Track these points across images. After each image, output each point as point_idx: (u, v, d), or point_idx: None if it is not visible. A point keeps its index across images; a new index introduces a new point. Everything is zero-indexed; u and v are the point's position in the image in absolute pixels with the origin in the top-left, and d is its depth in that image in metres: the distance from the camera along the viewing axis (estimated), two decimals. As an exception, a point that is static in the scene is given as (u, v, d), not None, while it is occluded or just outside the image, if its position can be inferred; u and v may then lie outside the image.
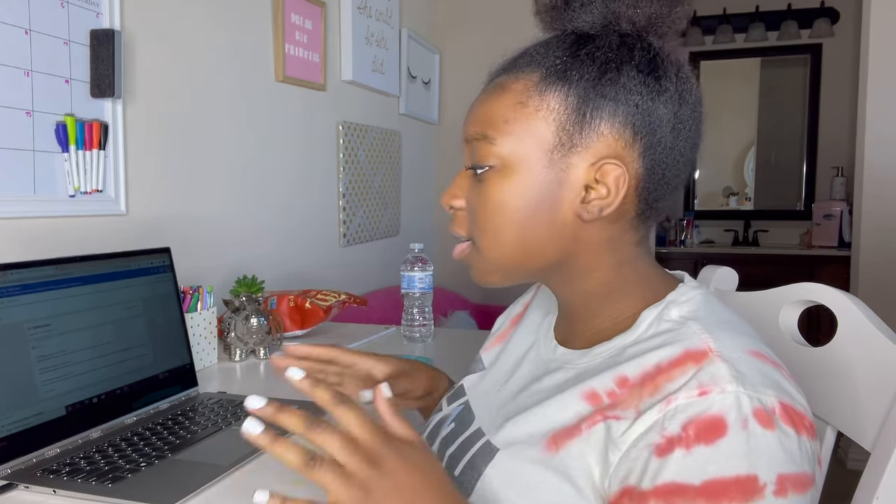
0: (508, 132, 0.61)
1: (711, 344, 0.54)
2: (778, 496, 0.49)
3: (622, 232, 0.63)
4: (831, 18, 4.08)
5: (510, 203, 0.61)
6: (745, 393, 0.50)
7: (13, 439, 0.82)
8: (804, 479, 0.50)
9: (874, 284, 2.80)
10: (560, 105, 0.59)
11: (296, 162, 2.02)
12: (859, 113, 2.85)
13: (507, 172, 0.61)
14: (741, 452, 0.49)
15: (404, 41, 2.72)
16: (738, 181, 4.44)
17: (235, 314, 1.34)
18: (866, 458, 0.61)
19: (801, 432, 0.51)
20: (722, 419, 0.50)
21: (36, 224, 1.19)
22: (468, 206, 0.65)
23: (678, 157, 0.61)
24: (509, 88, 0.62)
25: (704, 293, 0.62)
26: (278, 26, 1.87)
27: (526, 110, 0.60)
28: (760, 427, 0.49)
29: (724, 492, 0.49)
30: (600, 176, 0.59)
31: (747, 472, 0.49)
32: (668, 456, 0.50)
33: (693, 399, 0.51)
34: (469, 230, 0.66)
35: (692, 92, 0.62)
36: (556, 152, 0.59)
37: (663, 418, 0.51)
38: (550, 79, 0.60)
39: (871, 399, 0.63)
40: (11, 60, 1.13)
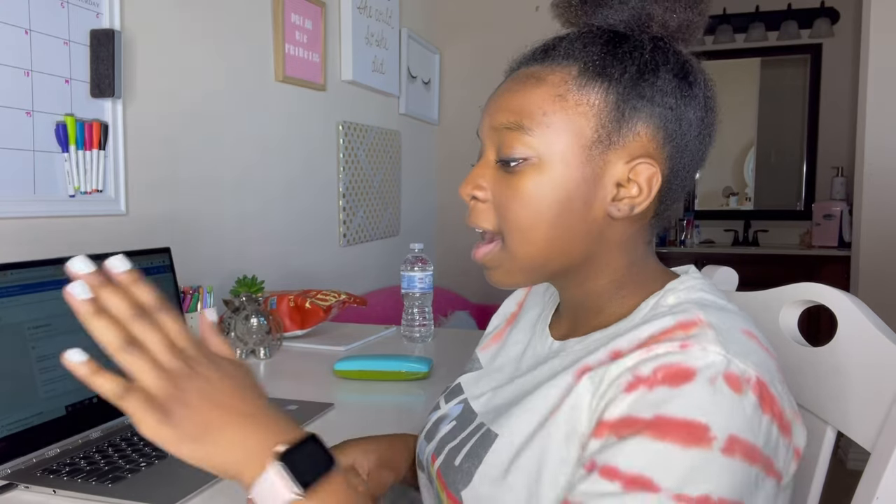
0: (547, 124, 0.59)
1: (703, 316, 0.55)
2: (724, 454, 0.49)
3: (640, 232, 0.63)
4: (831, 18, 4.08)
5: (545, 198, 0.60)
6: (725, 356, 0.51)
7: (13, 439, 0.82)
8: (755, 451, 0.50)
9: (874, 284, 2.80)
10: (600, 101, 0.59)
11: (296, 162, 2.02)
12: (859, 113, 2.85)
13: (543, 166, 0.60)
14: (701, 402, 0.50)
15: (404, 41, 2.72)
16: (738, 181, 4.44)
17: (235, 314, 1.34)
18: (866, 458, 0.61)
19: (766, 411, 0.51)
20: (693, 370, 0.51)
21: (36, 224, 1.19)
22: (494, 200, 0.62)
23: (699, 161, 0.63)
24: (545, 80, 0.60)
25: (704, 282, 0.62)
26: (278, 26, 1.87)
27: (565, 104, 0.59)
28: (728, 388, 0.50)
29: (672, 430, 0.49)
30: (634, 175, 0.60)
31: (699, 420, 0.49)
32: (632, 392, 0.52)
33: (673, 350, 0.52)
34: (496, 226, 0.63)
35: (715, 100, 0.63)
36: (594, 148, 0.59)
37: (639, 362, 0.53)
38: (589, 74, 0.59)
39: (871, 399, 0.63)
40: (11, 60, 1.13)
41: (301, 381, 1.25)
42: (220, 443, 0.48)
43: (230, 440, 0.48)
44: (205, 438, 0.48)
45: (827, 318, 0.72)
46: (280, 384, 1.22)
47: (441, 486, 0.65)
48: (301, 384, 1.22)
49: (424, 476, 0.72)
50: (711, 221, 4.38)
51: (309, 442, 0.49)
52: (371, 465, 0.75)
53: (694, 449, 0.48)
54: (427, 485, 0.71)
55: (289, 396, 1.11)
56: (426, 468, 0.71)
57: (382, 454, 0.76)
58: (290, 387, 1.20)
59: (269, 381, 1.24)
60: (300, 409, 1.04)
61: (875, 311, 0.67)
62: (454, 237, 3.22)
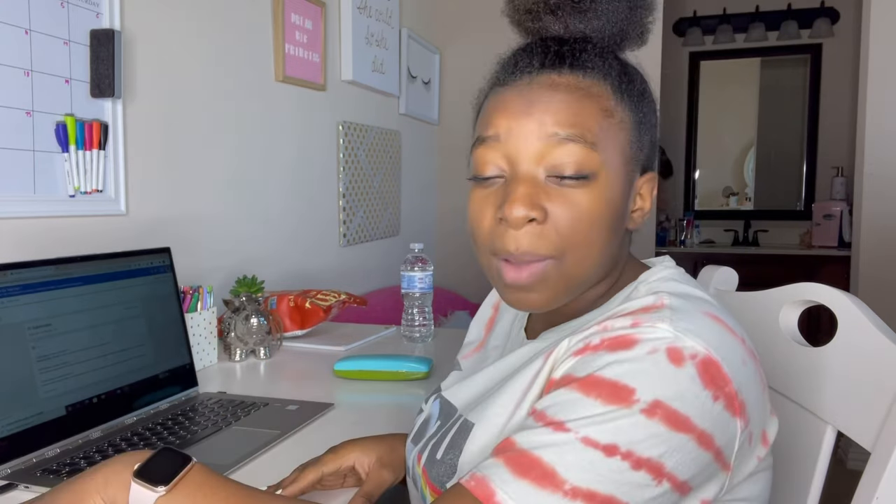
0: (603, 139, 0.59)
1: (666, 300, 0.56)
2: (643, 414, 0.50)
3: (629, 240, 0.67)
4: (831, 18, 4.08)
5: (602, 215, 0.59)
6: (672, 332, 0.52)
7: (13, 439, 0.82)
8: (683, 420, 0.50)
9: (874, 284, 2.80)
10: (629, 118, 0.61)
11: (296, 162, 2.02)
12: (859, 113, 2.85)
13: (600, 181, 0.58)
14: (633, 367, 0.51)
15: (404, 41, 2.72)
16: (738, 181, 4.44)
17: (235, 314, 1.34)
18: (866, 458, 0.61)
19: (710, 388, 0.51)
20: (635, 339, 0.52)
21: (36, 224, 1.19)
22: (556, 222, 0.58)
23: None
24: (590, 93, 0.59)
25: (676, 272, 0.64)
26: (278, 26, 1.87)
27: (612, 120, 0.60)
28: (666, 359, 0.51)
29: (597, 387, 0.51)
30: (644, 189, 0.64)
31: (627, 383, 0.51)
32: (578, 356, 0.54)
33: (625, 326, 0.54)
34: (558, 247, 0.58)
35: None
36: (630, 165, 0.61)
37: (592, 333, 0.55)
38: (620, 89, 0.61)
39: (871, 399, 0.63)
40: (11, 60, 1.13)
41: (301, 381, 1.25)
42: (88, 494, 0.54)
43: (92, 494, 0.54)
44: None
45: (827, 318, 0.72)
46: (280, 384, 1.22)
47: (425, 482, 0.65)
48: (301, 384, 1.22)
49: (410, 478, 0.72)
50: (711, 221, 4.38)
51: (161, 453, 0.56)
52: (371, 464, 0.76)
53: (613, 406, 0.50)
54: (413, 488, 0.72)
55: (289, 396, 1.11)
56: (412, 469, 0.71)
57: (383, 454, 0.77)
58: (290, 387, 1.20)
59: (269, 381, 1.24)
60: (300, 409, 1.04)
61: (875, 311, 0.67)
62: (454, 237, 3.22)
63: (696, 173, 4.48)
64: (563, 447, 0.50)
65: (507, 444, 0.53)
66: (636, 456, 0.49)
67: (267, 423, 0.97)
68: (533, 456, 0.50)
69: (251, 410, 1.02)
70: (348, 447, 0.77)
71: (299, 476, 0.75)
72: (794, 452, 0.74)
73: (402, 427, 0.94)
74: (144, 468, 0.54)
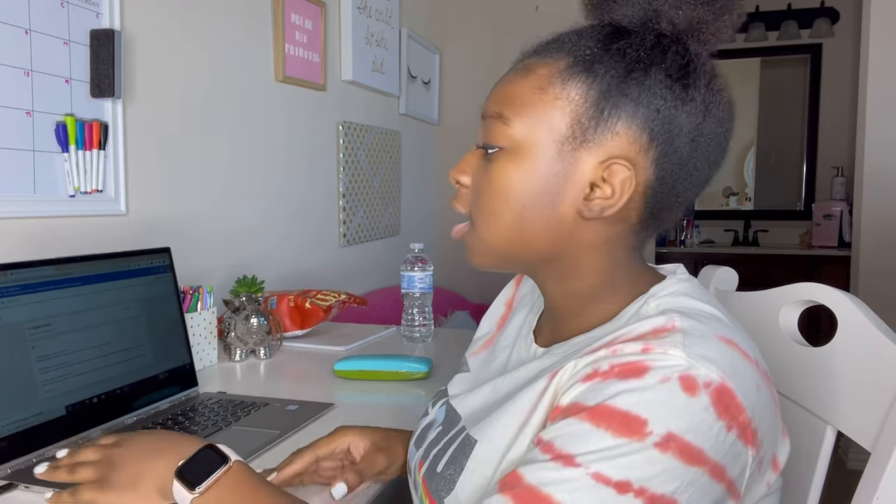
0: (523, 115, 0.59)
1: (678, 322, 0.54)
2: (657, 448, 0.48)
3: (620, 236, 0.62)
4: (831, 18, 4.08)
5: (513, 188, 0.60)
6: (685, 359, 0.50)
7: (13, 439, 0.82)
8: (697, 453, 0.49)
9: (874, 284, 2.80)
10: (580, 97, 0.57)
11: (296, 162, 2.02)
12: (859, 113, 2.85)
13: (515, 156, 0.60)
14: (645, 396, 0.49)
15: (404, 41, 2.72)
16: (738, 181, 4.44)
17: (235, 314, 1.34)
18: (866, 458, 0.61)
19: (724, 418, 0.50)
20: (647, 367, 0.50)
21: (36, 224, 1.19)
22: (473, 185, 0.64)
23: (693, 170, 0.59)
24: (534, 71, 0.60)
25: (689, 286, 0.61)
26: (278, 26, 1.87)
27: (545, 96, 0.59)
28: (680, 388, 0.49)
29: (608, 418, 0.49)
30: (608, 175, 0.58)
31: (639, 414, 0.49)
32: (587, 382, 0.52)
33: (635, 351, 0.52)
34: (469, 209, 0.65)
35: (720, 106, 0.59)
36: (567, 144, 0.58)
37: (601, 358, 0.53)
38: (576, 68, 0.58)
39: (871, 399, 0.63)
40: (11, 60, 1.13)
41: (301, 381, 1.25)
42: (146, 483, 0.62)
43: (151, 479, 0.62)
44: (136, 486, 0.62)
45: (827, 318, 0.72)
46: (280, 384, 1.22)
47: (424, 493, 0.65)
48: (301, 384, 1.22)
49: (411, 481, 0.72)
50: (711, 221, 4.38)
51: (203, 451, 0.62)
52: (366, 448, 0.79)
53: (626, 439, 0.48)
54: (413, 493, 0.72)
55: (289, 396, 1.11)
56: (413, 474, 0.71)
57: (378, 440, 0.80)
58: (290, 387, 1.20)
59: (269, 381, 1.24)
60: (300, 409, 1.04)
61: (875, 311, 0.67)
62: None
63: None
64: (573, 484, 0.48)
65: (514, 478, 0.51)
66: (650, 492, 0.48)
67: (267, 423, 0.97)
68: (543, 494, 0.49)
69: (251, 410, 1.02)
70: (343, 430, 0.80)
71: (294, 458, 0.76)
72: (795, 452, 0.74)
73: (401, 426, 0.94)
74: (186, 466, 0.61)
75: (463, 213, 0.66)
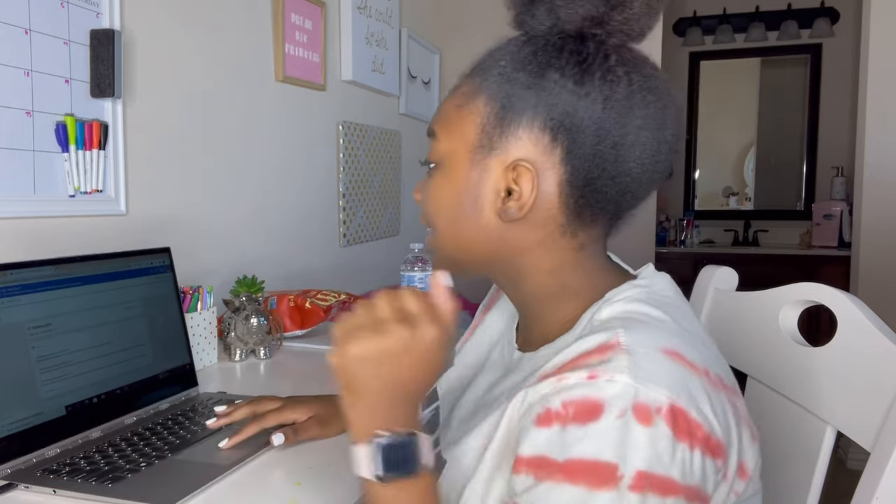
0: (446, 131, 0.64)
1: (622, 338, 0.54)
2: (632, 491, 0.49)
3: (554, 237, 0.62)
4: (831, 18, 4.08)
5: (440, 199, 0.65)
6: (633, 385, 0.50)
7: (13, 439, 0.82)
8: (668, 483, 0.49)
9: (874, 284, 2.80)
10: (485, 108, 0.61)
11: (296, 162, 2.02)
12: (859, 113, 2.85)
13: (442, 170, 0.65)
14: (609, 439, 0.50)
15: (404, 41, 2.72)
16: (738, 181, 4.44)
17: (235, 314, 1.34)
18: (866, 458, 0.61)
19: (683, 440, 0.50)
20: (601, 404, 0.50)
21: (36, 224, 1.19)
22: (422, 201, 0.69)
23: (606, 164, 0.59)
24: (458, 90, 0.65)
25: (642, 290, 0.61)
26: (278, 26, 1.87)
27: (461, 112, 0.63)
28: (635, 420, 0.50)
29: (582, 472, 0.50)
30: (516, 178, 0.60)
31: (608, 460, 0.49)
32: (545, 428, 0.52)
33: (581, 381, 0.52)
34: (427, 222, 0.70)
35: (619, 96, 0.58)
36: (478, 153, 0.62)
37: (550, 392, 0.53)
38: (486, 82, 0.62)
39: (871, 399, 0.63)
40: (11, 60, 1.13)
41: (301, 381, 1.25)
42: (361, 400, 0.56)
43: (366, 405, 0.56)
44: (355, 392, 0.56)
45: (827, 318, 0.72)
46: (280, 384, 1.22)
47: None
48: (301, 384, 1.22)
49: None
50: (711, 221, 4.38)
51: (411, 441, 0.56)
52: (307, 417, 0.90)
53: (602, 490, 0.49)
54: None
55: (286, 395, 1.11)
56: None
57: (320, 412, 0.90)
58: (290, 387, 1.20)
59: (269, 382, 1.24)
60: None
61: (875, 311, 0.67)
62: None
63: (696, 173, 4.48)
64: None
65: None
66: None
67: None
68: None
69: (251, 410, 1.02)
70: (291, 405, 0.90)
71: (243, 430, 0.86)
72: (794, 452, 0.74)
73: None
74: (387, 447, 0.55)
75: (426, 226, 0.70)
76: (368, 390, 0.56)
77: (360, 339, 0.55)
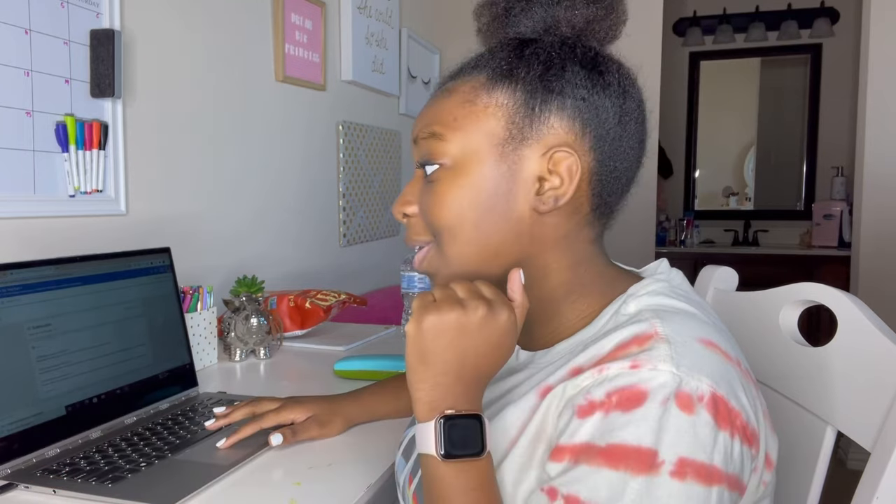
0: (457, 128, 0.62)
1: (659, 328, 0.54)
2: (674, 477, 0.49)
3: (578, 229, 0.63)
4: (831, 18, 4.08)
5: (464, 200, 0.61)
6: (676, 373, 0.51)
7: (13, 439, 0.82)
8: (711, 471, 0.50)
9: (874, 284, 2.80)
10: (508, 100, 0.60)
11: (296, 162, 2.02)
12: (859, 113, 2.85)
13: (458, 169, 0.62)
14: (651, 425, 0.50)
15: (404, 41, 2.72)
16: (738, 181, 4.44)
17: (235, 314, 1.34)
18: (866, 458, 0.61)
19: (724, 428, 0.51)
20: (644, 392, 0.51)
21: (36, 224, 1.19)
22: (422, 212, 0.65)
23: (627, 149, 0.62)
24: (457, 90, 0.63)
25: (666, 285, 0.61)
26: (278, 26, 1.87)
27: (475, 108, 0.61)
28: (678, 408, 0.50)
29: (624, 458, 0.50)
30: (553, 166, 0.60)
31: (649, 446, 0.49)
32: (588, 418, 0.52)
33: (624, 370, 0.52)
34: (427, 236, 0.65)
35: (635, 87, 0.63)
36: (507, 146, 0.60)
37: (592, 384, 0.53)
38: (497, 78, 0.61)
39: (871, 399, 0.63)
40: (11, 60, 1.13)
41: (301, 381, 1.25)
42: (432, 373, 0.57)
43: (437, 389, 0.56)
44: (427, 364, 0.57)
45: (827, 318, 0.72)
46: (280, 384, 1.22)
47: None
48: (301, 384, 1.22)
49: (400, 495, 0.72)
50: (711, 221, 4.38)
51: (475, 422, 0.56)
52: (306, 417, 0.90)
53: (643, 476, 0.49)
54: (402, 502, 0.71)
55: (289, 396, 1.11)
56: (402, 488, 0.70)
57: (320, 413, 0.90)
58: (290, 387, 1.20)
59: (269, 382, 1.24)
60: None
61: (875, 311, 0.67)
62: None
63: (696, 173, 4.48)
64: None
65: None
66: None
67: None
68: None
69: (251, 410, 1.02)
70: (290, 406, 0.90)
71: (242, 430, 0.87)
72: (794, 452, 0.74)
73: (400, 429, 0.94)
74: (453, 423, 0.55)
75: (421, 241, 0.66)
76: (442, 363, 0.56)
77: (441, 311, 0.56)
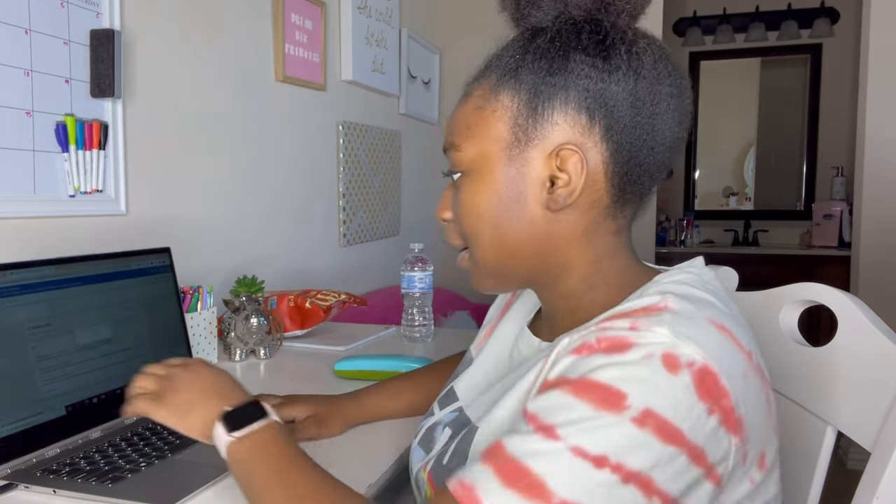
0: (471, 137, 0.63)
1: (671, 302, 0.54)
2: (634, 423, 0.48)
3: (598, 222, 0.63)
4: (831, 18, 4.08)
5: (479, 204, 0.63)
6: (670, 337, 0.51)
7: (13, 439, 0.82)
8: (674, 432, 0.49)
9: (874, 284, 2.80)
10: (512, 102, 0.61)
11: (296, 162, 2.02)
12: (859, 113, 2.85)
13: (474, 176, 0.63)
14: (626, 371, 0.50)
15: (404, 41, 2.72)
16: (738, 181, 4.44)
17: (235, 314, 1.34)
18: (866, 458, 0.61)
19: (705, 400, 0.49)
20: (631, 342, 0.51)
21: (36, 224, 1.19)
22: (454, 216, 0.67)
23: (644, 135, 0.60)
24: (471, 95, 0.64)
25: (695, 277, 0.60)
26: (278, 26, 1.87)
27: (483, 113, 0.62)
28: (661, 365, 0.50)
29: (588, 391, 0.50)
30: (560, 164, 0.60)
31: (619, 388, 0.49)
32: (575, 356, 0.53)
33: (623, 328, 0.53)
34: (461, 237, 0.68)
35: (647, 67, 0.60)
36: (514, 149, 0.61)
37: (589, 332, 0.54)
38: (504, 79, 0.61)
39: (871, 399, 0.63)
40: (11, 60, 1.13)
41: (301, 381, 1.25)
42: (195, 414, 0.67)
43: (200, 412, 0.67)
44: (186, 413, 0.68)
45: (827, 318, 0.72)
46: (280, 384, 1.22)
47: (429, 487, 0.65)
48: (301, 384, 1.22)
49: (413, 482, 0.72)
50: (711, 221, 4.38)
51: (249, 405, 0.66)
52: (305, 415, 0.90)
53: (604, 412, 0.49)
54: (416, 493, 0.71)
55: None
56: (415, 475, 0.71)
57: (320, 411, 0.91)
58: (290, 387, 1.20)
59: (269, 381, 1.24)
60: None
61: (875, 311, 0.67)
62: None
63: (696, 173, 4.48)
64: (553, 457, 0.49)
65: (496, 448, 0.52)
66: (626, 469, 0.48)
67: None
68: (522, 465, 0.49)
69: (251, 410, 1.02)
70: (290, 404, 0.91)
71: None
72: (794, 452, 0.74)
73: (400, 428, 0.94)
74: (232, 413, 0.65)
75: (457, 245, 0.69)
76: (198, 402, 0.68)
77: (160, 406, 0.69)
